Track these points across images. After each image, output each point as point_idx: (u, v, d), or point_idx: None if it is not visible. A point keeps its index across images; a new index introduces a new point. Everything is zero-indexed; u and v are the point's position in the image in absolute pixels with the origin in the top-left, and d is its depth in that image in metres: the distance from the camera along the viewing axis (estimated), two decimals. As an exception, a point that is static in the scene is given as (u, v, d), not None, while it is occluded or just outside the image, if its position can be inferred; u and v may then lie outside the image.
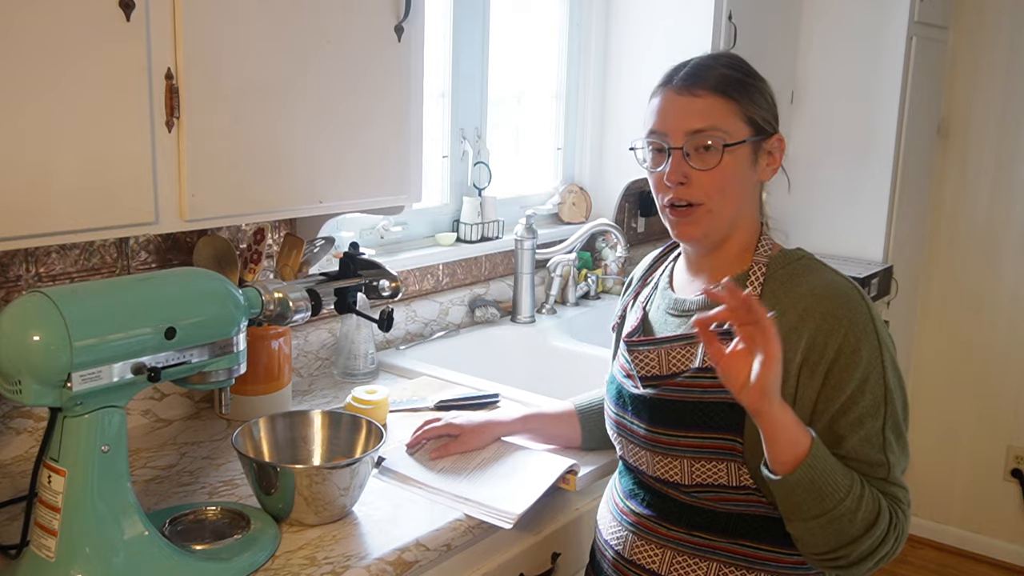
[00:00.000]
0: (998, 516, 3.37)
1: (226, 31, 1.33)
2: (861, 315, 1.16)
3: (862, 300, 1.18)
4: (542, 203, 2.69)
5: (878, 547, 1.13)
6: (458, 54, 2.33)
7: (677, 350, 1.25)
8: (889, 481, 1.16)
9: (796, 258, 1.24)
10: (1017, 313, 3.24)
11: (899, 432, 1.18)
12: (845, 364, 1.15)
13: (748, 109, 1.21)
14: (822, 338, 1.15)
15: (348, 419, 1.44)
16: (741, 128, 1.20)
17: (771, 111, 1.25)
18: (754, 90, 1.23)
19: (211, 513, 1.31)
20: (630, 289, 1.47)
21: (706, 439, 1.20)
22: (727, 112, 1.20)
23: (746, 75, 1.24)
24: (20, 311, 1.04)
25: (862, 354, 1.15)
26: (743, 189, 1.23)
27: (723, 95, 1.20)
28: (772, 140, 1.24)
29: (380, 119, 1.59)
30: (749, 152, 1.22)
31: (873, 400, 1.15)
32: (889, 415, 1.16)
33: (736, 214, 1.24)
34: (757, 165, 1.24)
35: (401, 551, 1.26)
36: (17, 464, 1.49)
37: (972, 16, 3.19)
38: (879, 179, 2.94)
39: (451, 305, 2.31)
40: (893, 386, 1.17)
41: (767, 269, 1.22)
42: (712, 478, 1.21)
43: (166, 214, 1.31)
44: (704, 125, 1.19)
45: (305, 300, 1.33)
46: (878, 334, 1.17)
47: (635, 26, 2.68)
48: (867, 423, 1.15)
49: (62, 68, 1.16)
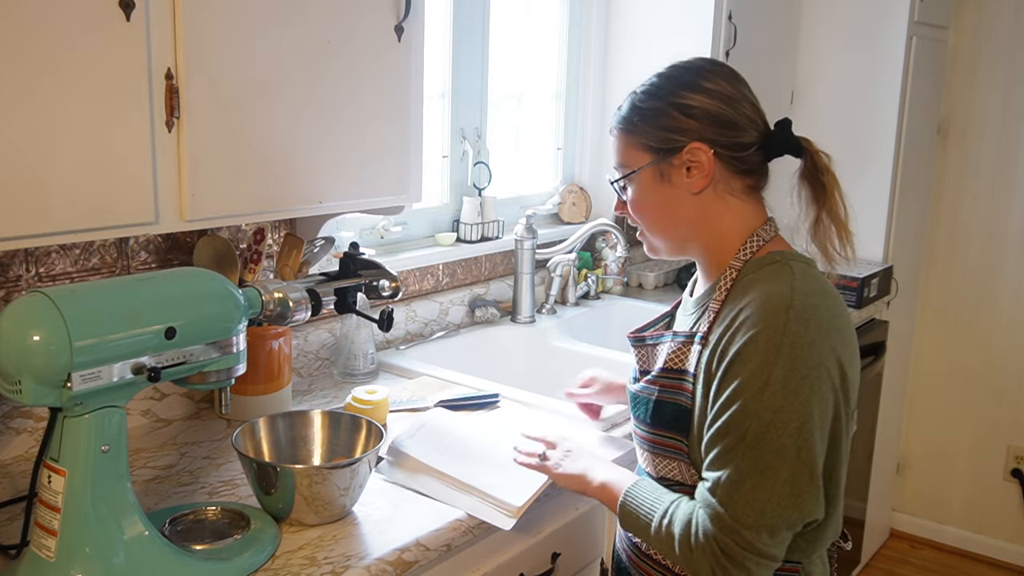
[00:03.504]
0: (998, 516, 3.37)
1: (226, 31, 1.33)
2: (774, 328, 1.10)
3: (787, 315, 1.10)
4: (542, 203, 2.69)
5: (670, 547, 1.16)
6: (458, 54, 2.33)
7: (656, 349, 1.31)
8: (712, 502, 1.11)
9: (769, 262, 1.20)
10: (1017, 313, 3.24)
11: (763, 467, 1.08)
12: (733, 369, 1.12)
13: (645, 137, 1.24)
14: (731, 340, 1.13)
15: (348, 419, 1.44)
16: (639, 157, 1.26)
17: (683, 125, 1.21)
18: (656, 113, 1.22)
19: (211, 513, 1.31)
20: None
21: (662, 436, 1.25)
22: (627, 146, 1.27)
23: (655, 98, 1.23)
24: (20, 311, 1.04)
25: (750, 365, 1.10)
26: (665, 207, 1.26)
27: (624, 131, 1.27)
28: (682, 154, 1.21)
29: (380, 119, 1.60)
30: (650, 175, 1.25)
31: (738, 417, 1.09)
32: (749, 442, 1.08)
33: (679, 228, 1.27)
34: (672, 181, 1.23)
35: (401, 551, 1.26)
36: (17, 464, 1.49)
37: (972, 16, 3.19)
38: (879, 179, 2.94)
39: (451, 305, 2.31)
40: (775, 407, 1.07)
41: (739, 273, 1.21)
42: (672, 474, 1.25)
43: (166, 214, 1.31)
44: (616, 162, 1.30)
45: (305, 300, 1.33)
46: (782, 352, 1.08)
47: (635, 26, 2.68)
48: (719, 430, 1.12)
49: (62, 68, 1.16)
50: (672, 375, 1.24)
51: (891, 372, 3.14)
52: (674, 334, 1.28)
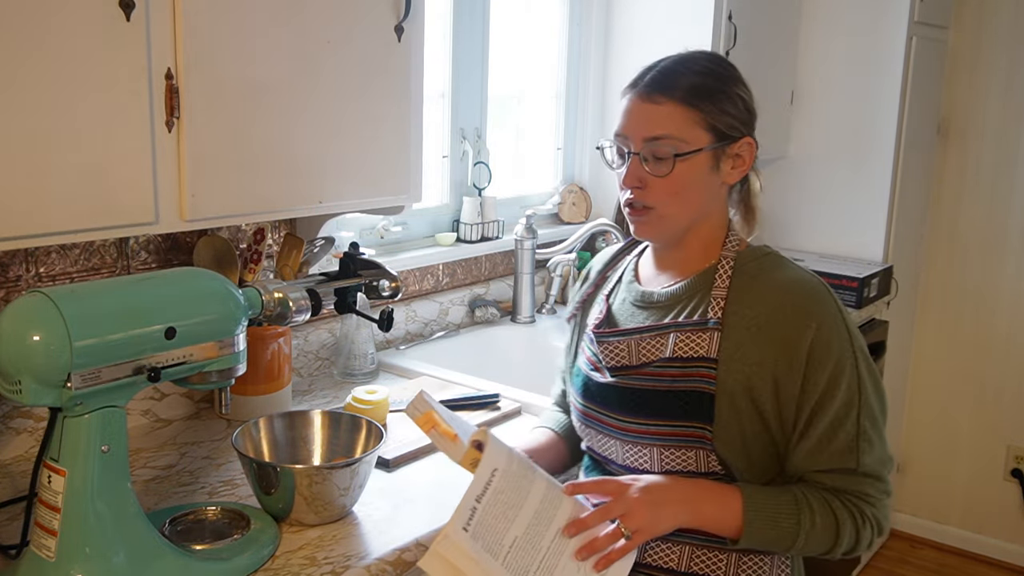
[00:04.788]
0: (998, 516, 3.37)
1: (226, 31, 1.33)
2: (830, 309, 1.21)
3: (829, 295, 1.23)
4: (542, 203, 2.69)
5: (856, 544, 1.21)
6: (458, 54, 2.33)
7: (647, 340, 1.27)
8: (859, 473, 1.20)
9: (763, 253, 1.28)
10: (1017, 313, 3.24)
11: (873, 421, 1.21)
12: (819, 358, 1.18)
13: (711, 117, 1.22)
14: (795, 333, 1.19)
15: (348, 419, 1.44)
16: (700, 136, 1.21)
17: (740, 116, 1.24)
18: (722, 96, 1.23)
19: (211, 513, 1.31)
20: (588, 282, 1.47)
21: (676, 427, 1.22)
22: (687, 120, 1.21)
23: (717, 80, 1.24)
24: (20, 311, 1.04)
25: (833, 348, 1.19)
26: (701, 193, 1.25)
27: (685, 103, 1.21)
28: (739, 144, 1.25)
29: (380, 119, 1.59)
30: (707, 159, 1.23)
31: (847, 393, 1.19)
32: (863, 405, 1.20)
33: (696, 215, 1.27)
34: (719, 169, 1.25)
35: (401, 551, 1.26)
36: (17, 464, 1.49)
37: (972, 16, 3.19)
38: (879, 179, 2.94)
39: (451, 305, 2.31)
40: (865, 377, 1.21)
41: (735, 263, 1.26)
42: (681, 465, 1.23)
43: (166, 214, 1.31)
44: (661, 133, 1.21)
45: (305, 300, 1.33)
46: (848, 327, 1.21)
47: (635, 26, 2.68)
48: (839, 415, 1.19)
49: (62, 68, 1.16)
50: (686, 363, 1.22)
51: (891, 372, 3.14)
52: (676, 324, 1.25)
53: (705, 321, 1.22)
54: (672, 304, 1.28)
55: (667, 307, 1.29)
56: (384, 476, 1.48)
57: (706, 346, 1.21)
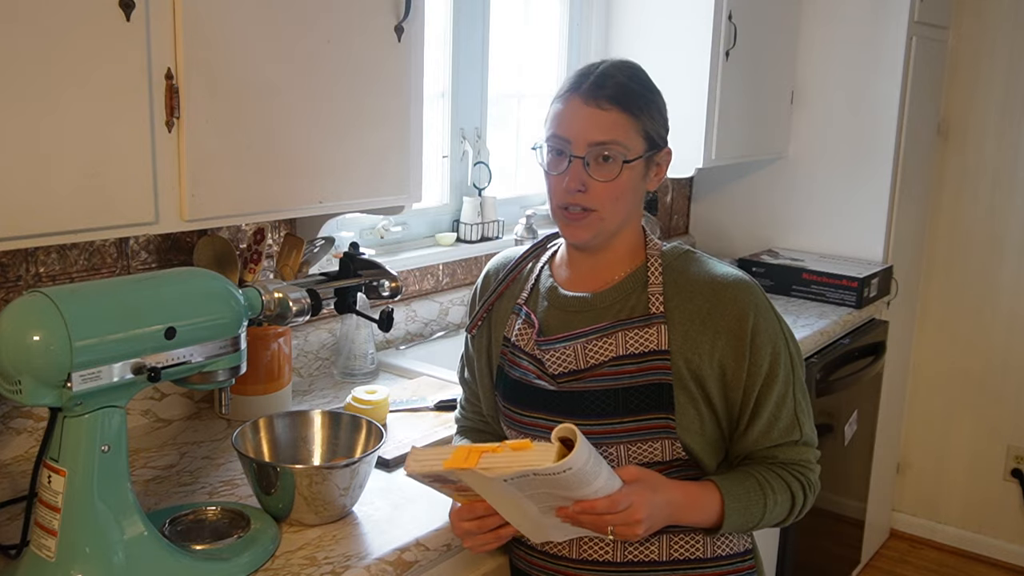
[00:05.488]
0: (998, 516, 3.36)
1: (226, 31, 1.33)
2: (762, 299, 1.29)
3: (757, 286, 1.31)
4: (542, 203, 2.69)
5: (803, 508, 1.31)
6: (458, 54, 2.33)
7: (593, 343, 1.28)
8: (801, 443, 1.30)
9: (684, 251, 1.35)
10: (1017, 313, 3.24)
11: (804, 393, 1.32)
12: (760, 344, 1.25)
13: (645, 124, 1.25)
14: (736, 323, 1.25)
15: (348, 419, 1.44)
16: (639, 143, 1.25)
17: (664, 125, 1.30)
18: (652, 105, 1.27)
19: (211, 513, 1.31)
20: (488, 292, 1.41)
21: (640, 421, 1.25)
22: (628, 127, 1.24)
23: (648, 90, 1.28)
24: (20, 311, 1.04)
25: (769, 333, 1.27)
26: (634, 198, 1.30)
27: (625, 110, 1.24)
28: (662, 153, 1.30)
29: (380, 119, 1.60)
30: (642, 166, 1.27)
31: (784, 371, 1.28)
32: (796, 380, 1.30)
33: (626, 219, 1.30)
34: (647, 176, 1.30)
35: (401, 551, 1.26)
36: (17, 464, 1.49)
37: (972, 16, 3.19)
38: (879, 179, 2.94)
39: (451, 305, 2.31)
40: (795, 355, 1.31)
41: (662, 261, 1.31)
42: (648, 457, 1.26)
43: (166, 214, 1.31)
44: (607, 138, 1.23)
45: (305, 300, 1.33)
46: (775, 313, 1.31)
47: (635, 26, 2.68)
48: (782, 393, 1.27)
49: (62, 68, 1.16)
50: (640, 358, 1.25)
51: (891, 372, 3.14)
52: (620, 322, 1.26)
53: (649, 316, 1.26)
54: (609, 305, 1.29)
55: (603, 309, 1.29)
56: (384, 476, 1.49)
57: (655, 339, 1.25)
